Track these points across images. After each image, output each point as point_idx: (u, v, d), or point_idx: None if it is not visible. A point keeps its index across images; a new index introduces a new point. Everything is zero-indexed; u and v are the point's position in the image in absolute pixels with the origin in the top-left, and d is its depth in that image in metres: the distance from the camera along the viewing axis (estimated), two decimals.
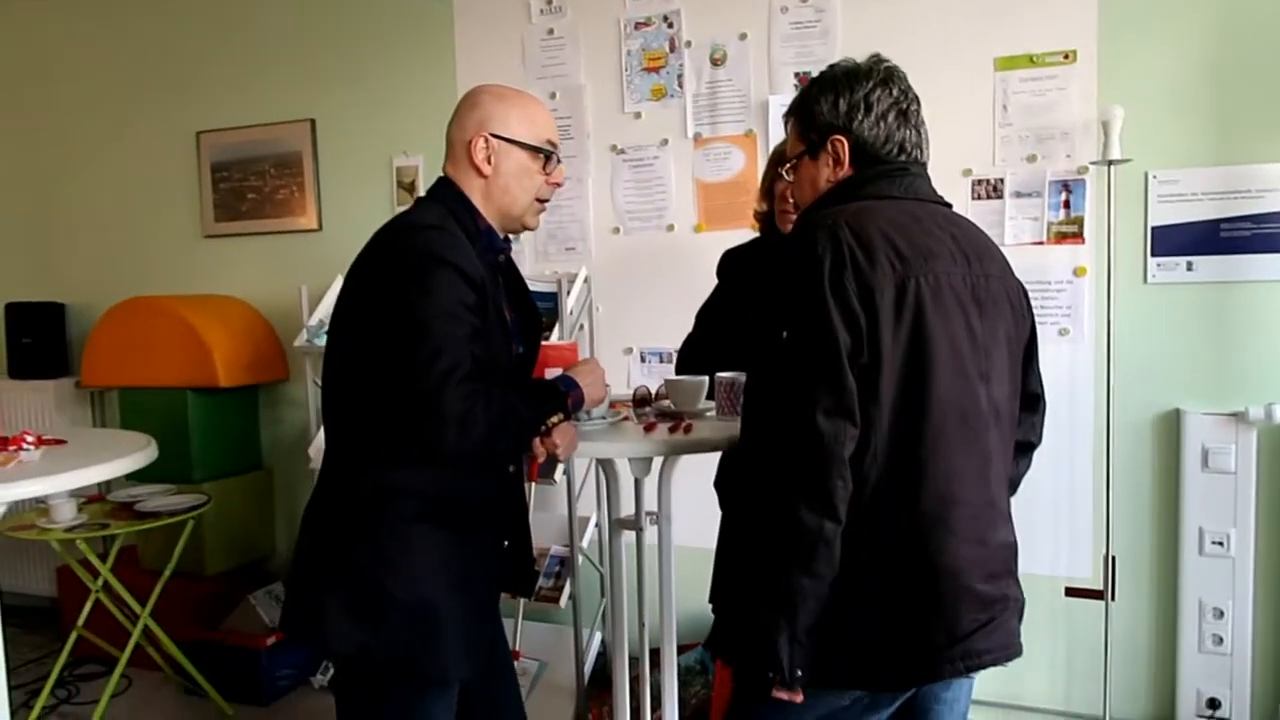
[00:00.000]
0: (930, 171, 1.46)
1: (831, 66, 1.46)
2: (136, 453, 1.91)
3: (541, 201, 1.61)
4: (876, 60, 1.43)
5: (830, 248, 1.26)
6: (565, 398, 1.53)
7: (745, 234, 2.86)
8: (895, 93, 1.41)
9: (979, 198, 2.72)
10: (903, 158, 1.41)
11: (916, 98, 1.44)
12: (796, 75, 2.87)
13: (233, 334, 3.42)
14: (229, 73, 3.65)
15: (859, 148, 1.40)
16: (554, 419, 1.51)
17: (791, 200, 1.97)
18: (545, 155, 1.57)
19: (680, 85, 3.00)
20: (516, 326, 1.63)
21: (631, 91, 3.07)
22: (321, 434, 3.19)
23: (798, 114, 1.47)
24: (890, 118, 1.39)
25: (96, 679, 3.26)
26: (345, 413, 1.53)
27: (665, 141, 3.04)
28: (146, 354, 3.38)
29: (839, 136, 1.40)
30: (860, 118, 1.39)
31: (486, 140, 1.53)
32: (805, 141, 1.46)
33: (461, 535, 1.52)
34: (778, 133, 2.88)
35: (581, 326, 3.12)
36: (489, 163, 1.54)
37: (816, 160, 1.44)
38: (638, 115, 3.06)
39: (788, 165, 1.50)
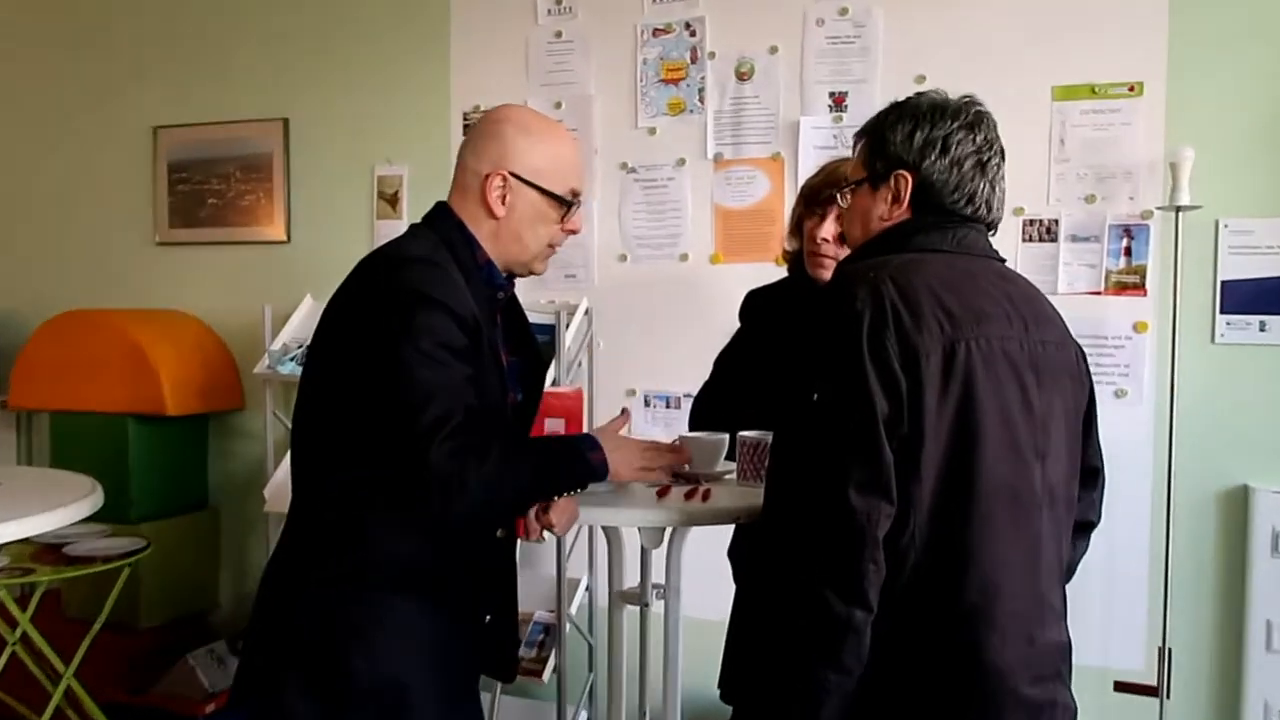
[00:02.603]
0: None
1: (918, 95, 1.48)
2: (79, 500, 1.92)
3: (552, 248, 1.63)
4: (968, 101, 1.46)
5: (871, 303, 1.28)
6: (588, 464, 1.50)
7: (767, 268, 2.90)
8: (979, 140, 1.43)
9: (1030, 239, 2.77)
10: (969, 209, 1.43)
11: (1001, 151, 1.46)
12: (832, 95, 2.93)
13: (183, 356, 3.44)
14: (193, 62, 3.69)
15: (923, 189, 1.42)
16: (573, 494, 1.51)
17: (822, 240, 2.01)
18: (566, 205, 1.59)
19: (701, 100, 3.06)
20: (515, 371, 1.64)
21: (646, 105, 3.12)
22: (279, 472, 3.23)
23: (870, 137, 1.49)
24: (967, 165, 1.41)
25: None
26: (316, 464, 1.54)
27: (682, 161, 3.09)
28: (84, 374, 3.39)
29: (904, 172, 1.43)
30: (934, 157, 1.41)
31: (505, 179, 1.55)
32: (869, 169, 1.48)
33: (438, 606, 1.52)
34: (808, 157, 2.94)
35: (580, 364, 3.15)
36: (503, 203, 1.56)
37: (875, 193, 1.47)
38: (652, 131, 3.12)
39: (845, 189, 1.53)
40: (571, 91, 3.20)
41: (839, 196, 1.55)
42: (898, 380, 1.26)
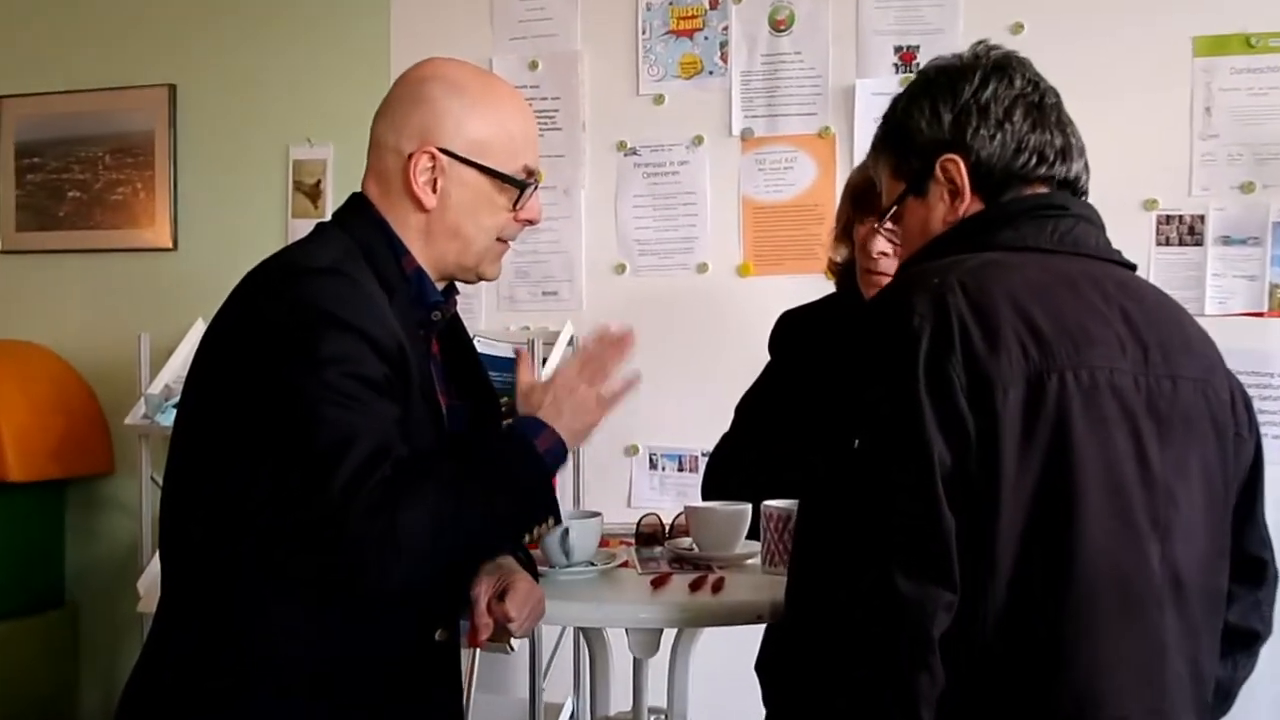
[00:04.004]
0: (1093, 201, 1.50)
1: (919, 71, 1.52)
2: None
3: (504, 242, 1.65)
4: (983, 48, 1.49)
5: (933, 319, 1.28)
6: (545, 459, 1.50)
7: (814, 281, 2.90)
8: (1018, 82, 1.45)
9: (1167, 242, 2.77)
10: (1042, 169, 1.44)
11: (1051, 87, 1.49)
12: (897, 51, 2.95)
13: (32, 402, 3.46)
14: (52, 15, 3.73)
15: (981, 168, 1.44)
16: (543, 527, 1.52)
17: (879, 254, 2.03)
18: (520, 187, 1.61)
19: (724, 59, 3.08)
20: (459, 416, 1.65)
21: (651, 65, 3.15)
22: (158, 560, 3.24)
23: (887, 142, 1.53)
24: (1017, 116, 1.44)
25: None
26: (191, 539, 1.54)
27: (699, 140, 3.11)
28: None
29: (950, 155, 1.45)
30: (975, 125, 1.44)
31: (434, 157, 1.57)
32: (905, 176, 1.51)
33: None
34: (866, 133, 2.92)
35: None
36: (434, 190, 1.57)
37: (925, 197, 1.49)
38: (659, 100, 3.14)
39: (888, 216, 1.55)
40: (551, 47, 3.23)
41: (881, 234, 1.57)
42: (963, 421, 1.25)
